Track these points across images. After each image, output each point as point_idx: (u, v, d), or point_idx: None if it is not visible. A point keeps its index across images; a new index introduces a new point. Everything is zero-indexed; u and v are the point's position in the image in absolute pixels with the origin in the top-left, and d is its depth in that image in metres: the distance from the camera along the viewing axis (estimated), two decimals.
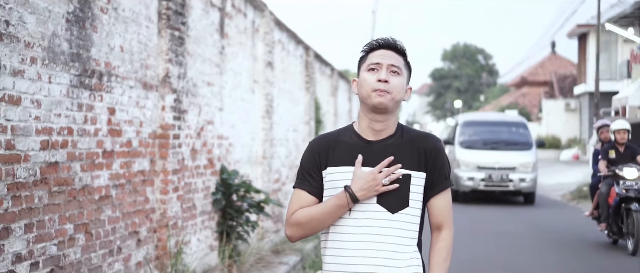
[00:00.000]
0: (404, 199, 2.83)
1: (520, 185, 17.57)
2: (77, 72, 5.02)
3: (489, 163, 17.63)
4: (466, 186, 17.76)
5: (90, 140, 5.24)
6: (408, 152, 2.86)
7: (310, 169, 2.91)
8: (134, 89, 5.99)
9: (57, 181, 4.78)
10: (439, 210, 2.91)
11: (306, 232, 2.89)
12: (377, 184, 2.78)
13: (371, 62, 2.86)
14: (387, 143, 2.87)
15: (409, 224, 2.84)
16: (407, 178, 2.83)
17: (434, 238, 2.91)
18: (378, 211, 2.81)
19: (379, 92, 2.80)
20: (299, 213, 2.88)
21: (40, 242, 4.58)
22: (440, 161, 2.90)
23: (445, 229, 2.91)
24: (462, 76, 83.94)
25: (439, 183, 2.90)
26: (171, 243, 6.66)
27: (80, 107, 5.08)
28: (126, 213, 5.88)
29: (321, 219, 2.84)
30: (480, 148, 18.11)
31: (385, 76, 2.81)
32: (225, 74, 8.57)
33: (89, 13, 5.19)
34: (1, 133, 4.15)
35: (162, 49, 6.56)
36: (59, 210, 4.82)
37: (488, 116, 21.03)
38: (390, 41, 2.91)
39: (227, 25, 8.61)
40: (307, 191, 2.90)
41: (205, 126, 7.79)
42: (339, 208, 2.81)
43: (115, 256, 5.69)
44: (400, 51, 2.91)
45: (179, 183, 6.84)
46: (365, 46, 2.94)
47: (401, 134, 2.91)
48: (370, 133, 2.89)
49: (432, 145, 2.89)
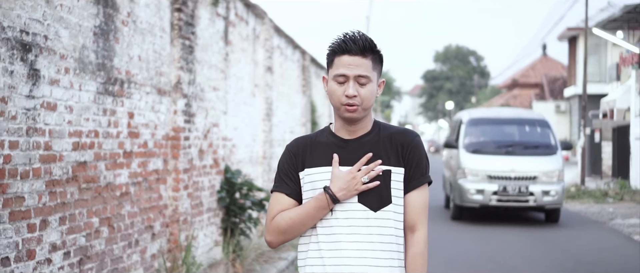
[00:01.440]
0: (386, 196, 2.78)
1: (543, 199, 13.67)
2: (102, 80, 5.54)
3: (503, 172, 13.86)
4: (474, 202, 13.86)
5: (113, 142, 5.75)
6: (386, 148, 2.80)
7: (288, 171, 2.85)
8: (149, 95, 6.50)
9: (85, 179, 5.29)
10: (413, 208, 2.82)
11: (287, 237, 2.83)
12: (356, 183, 2.74)
13: (338, 72, 2.76)
14: (364, 141, 2.82)
15: (392, 221, 2.78)
16: (387, 174, 2.78)
17: (408, 241, 2.83)
18: (360, 210, 2.76)
19: (348, 107, 2.75)
20: (279, 218, 2.82)
21: (71, 234, 5.09)
22: (417, 156, 2.83)
23: (418, 230, 2.82)
24: (454, 77, 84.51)
25: (414, 179, 2.83)
26: (182, 237, 7.17)
27: (105, 112, 5.59)
28: (142, 209, 6.39)
29: (302, 222, 2.78)
30: (491, 153, 14.31)
31: (353, 91, 2.73)
32: (229, 79, 9.09)
33: (112, 26, 5.70)
34: (41, 136, 4.66)
35: (174, 57, 7.08)
36: (87, 205, 5.33)
37: (500, 112, 16.52)
38: (355, 45, 2.76)
39: (230, 33, 9.13)
40: (286, 194, 2.84)
41: (211, 128, 8.30)
42: (319, 210, 2.76)
43: (133, 248, 6.19)
44: (369, 50, 2.78)
45: (188, 181, 7.35)
46: (332, 44, 2.81)
47: (378, 131, 2.86)
48: (345, 132, 2.84)
49: (409, 139, 2.83)
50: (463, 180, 14.03)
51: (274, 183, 2.89)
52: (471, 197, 13.84)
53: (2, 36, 4.21)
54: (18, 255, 4.42)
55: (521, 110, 17.47)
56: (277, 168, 2.90)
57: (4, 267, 4.28)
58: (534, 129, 15.15)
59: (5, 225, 4.27)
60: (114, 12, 5.73)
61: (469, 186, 13.88)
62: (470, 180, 13.96)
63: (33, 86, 4.55)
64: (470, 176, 13.97)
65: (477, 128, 15.17)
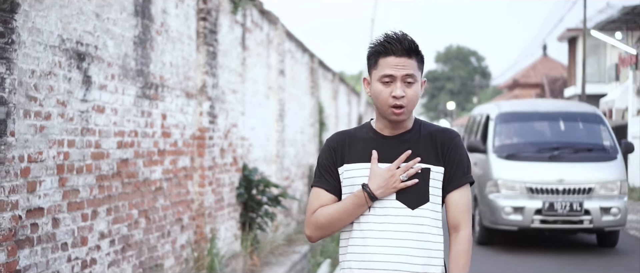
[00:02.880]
0: (424, 194, 2.76)
1: (601, 219, 10.41)
2: (141, 85, 6.10)
3: (549, 184, 10.55)
4: (510, 224, 10.59)
5: (149, 141, 6.32)
6: (426, 146, 2.79)
7: (327, 166, 2.85)
8: (179, 98, 7.06)
9: (127, 174, 5.85)
10: (456, 208, 2.80)
11: (326, 232, 2.85)
12: (395, 181, 2.73)
13: (384, 73, 2.74)
14: (404, 138, 2.81)
15: (430, 220, 2.76)
16: (426, 172, 2.76)
17: (452, 240, 2.81)
18: (398, 208, 2.75)
19: (395, 110, 2.74)
20: (319, 213, 2.83)
21: (116, 223, 5.65)
22: (458, 155, 2.82)
23: (463, 230, 2.79)
24: (455, 77, 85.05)
25: (456, 178, 2.80)
26: (206, 229, 7.73)
27: (142, 113, 6.15)
28: (173, 203, 6.95)
29: (340, 218, 2.79)
30: (531, 159, 10.97)
31: (401, 91, 2.73)
32: (246, 82, 9.65)
33: (148, 35, 6.26)
34: (92, 135, 5.22)
35: (199, 62, 7.64)
36: (128, 198, 5.89)
37: (538, 105, 13.17)
38: (402, 47, 2.74)
39: (247, 39, 9.69)
40: (326, 189, 2.84)
41: (231, 128, 8.86)
42: (357, 207, 2.76)
43: (166, 238, 6.75)
44: (414, 51, 2.77)
45: (212, 178, 7.91)
46: (375, 45, 2.80)
47: (419, 129, 2.84)
48: (387, 129, 2.83)
49: (449, 138, 2.82)
50: (495, 195, 10.71)
51: (314, 178, 2.89)
52: (507, 218, 10.53)
53: (62, 47, 4.77)
54: (74, 241, 4.98)
55: (564, 102, 13.91)
56: (317, 163, 2.91)
57: (64, 251, 4.84)
58: (584, 126, 11.71)
59: (64, 214, 4.83)
60: (150, 22, 6.29)
61: (504, 203, 10.55)
62: (505, 195, 10.66)
63: (86, 91, 5.12)
64: (505, 189, 10.69)
65: (509, 125, 11.67)
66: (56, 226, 4.72)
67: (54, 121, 4.68)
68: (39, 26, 4.46)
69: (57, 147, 4.72)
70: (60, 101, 4.76)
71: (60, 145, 4.77)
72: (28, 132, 4.36)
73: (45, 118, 4.57)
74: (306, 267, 10.35)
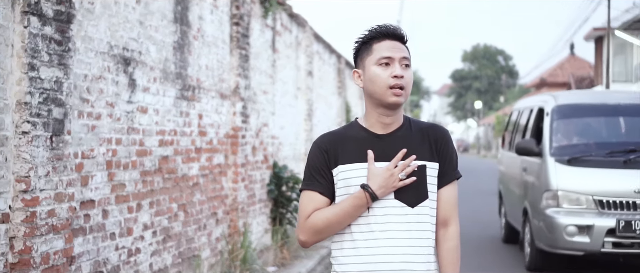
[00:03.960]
0: (423, 191, 2.73)
1: None
2: (180, 87, 6.53)
3: (624, 196, 8.32)
4: (573, 247, 8.36)
5: (187, 139, 6.74)
6: (419, 143, 2.76)
7: (319, 168, 2.76)
8: (214, 99, 7.49)
9: (167, 170, 6.28)
10: (446, 203, 2.80)
11: (322, 236, 2.75)
12: (394, 180, 2.67)
13: (382, 55, 2.70)
14: (398, 136, 2.76)
15: (428, 217, 2.75)
16: (422, 169, 2.73)
17: (442, 236, 2.80)
18: (397, 207, 2.70)
19: (395, 90, 2.68)
20: (315, 217, 2.73)
21: (157, 216, 6.08)
22: (450, 151, 2.82)
23: (452, 225, 2.81)
24: (482, 76, 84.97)
25: (448, 174, 2.80)
26: (240, 223, 8.15)
27: (181, 114, 6.58)
28: (209, 198, 7.37)
29: (339, 221, 2.71)
30: (601, 165, 8.66)
31: (400, 71, 2.68)
32: (276, 83, 10.07)
33: (186, 40, 6.69)
34: (136, 134, 5.66)
35: (233, 65, 8.06)
36: (168, 193, 6.32)
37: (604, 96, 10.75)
38: (398, 31, 2.75)
39: (277, 42, 10.11)
40: (319, 192, 2.75)
41: (262, 128, 9.28)
42: (357, 208, 2.69)
43: (202, 231, 7.18)
44: (405, 40, 2.77)
45: (245, 174, 8.33)
46: (368, 32, 2.78)
47: (409, 126, 2.81)
48: (379, 126, 2.77)
49: (441, 135, 2.81)
50: (554, 210, 8.51)
51: (304, 181, 2.80)
52: (569, 239, 8.27)
53: (110, 53, 5.20)
54: (121, 231, 5.41)
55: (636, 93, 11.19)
56: (307, 165, 2.81)
57: (112, 241, 5.28)
58: None
59: (112, 206, 5.27)
60: (188, 28, 6.72)
61: (566, 220, 8.32)
62: (568, 211, 8.45)
63: (131, 93, 5.55)
64: (567, 203, 8.47)
65: (570, 121, 9.45)
66: (105, 217, 5.16)
67: (104, 121, 5.11)
68: (90, 34, 4.90)
69: (106, 145, 5.16)
70: (109, 103, 5.19)
71: (109, 143, 5.21)
72: (81, 131, 4.79)
73: (96, 118, 5.00)
74: None
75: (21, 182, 4.10)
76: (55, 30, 4.37)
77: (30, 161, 4.12)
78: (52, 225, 4.35)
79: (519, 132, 10.81)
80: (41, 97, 4.22)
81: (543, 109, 9.63)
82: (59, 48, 4.42)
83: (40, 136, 4.21)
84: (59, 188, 4.43)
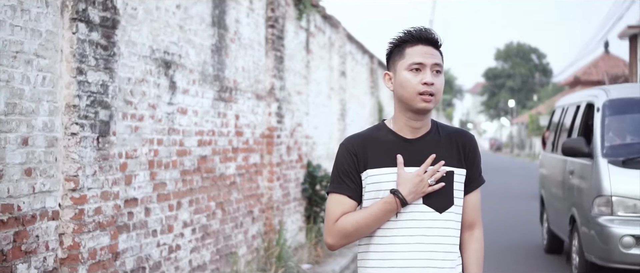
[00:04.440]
0: (450, 197, 2.73)
1: None
2: (217, 89, 6.72)
3: None
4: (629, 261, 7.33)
5: (224, 139, 6.93)
6: (448, 148, 2.76)
7: (348, 172, 2.74)
8: (250, 100, 7.67)
9: (206, 170, 6.47)
10: (472, 208, 2.82)
11: (351, 240, 2.73)
12: (424, 185, 2.66)
13: (413, 61, 2.68)
14: (427, 140, 2.75)
15: (455, 223, 2.75)
16: (450, 175, 2.73)
17: (467, 238, 2.82)
18: (425, 212, 2.70)
19: (425, 97, 2.65)
20: (344, 221, 2.71)
21: (197, 214, 6.27)
22: (477, 157, 2.84)
23: (477, 228, 2.84)
24: (515, 75, 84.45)
25: (474, 180, 2.81)
26: (275, 221, 8.33)
27: (219, 114, 6.77)
28: (245, 196, 7.56)
29: (368, 225, 2.69)
30: None
31: (431, 79, 2.65)
32: (310, 84, 10.23)
33: (224, 43, 6.88)
34: (177, 135, 5.85)
35: (268, 66, 8.24)
36: (207, 191, 6.51)
37: None
38: (431, 36, 2.71)
39: (311, 43, 10.27)
40: (348, 196, 2.73)
41: (296, 128, 9.45)
42: (387, 213, 2.67)
43: (239, 228, 7.37)
44: (439, 44, 2.74)
45: (280, 173, 8.51)
46: (400, 36, 2.75)
47: (437, 130, 2.80)
48: (408, 131, 2.74)
49: (469, 140, 2.82)
50: (607, 218, 7.51)
51: (332, 184, 2.77)
52: (625, 252, 7.29)
53: (152, 57, 5.40)
54: (162, 229, 5.61)
55: None
56: (335, 168, 2.79)
57: (154, 237, 5.47)
58: None
59: (154, 204, 5.47)
60: (225, 32, 6.91)
61: (621, 230, 7.36)
62: (624, 219, 7.46)
63: (172, 95, 5.75)
64: (623, 211, 7.50)
65: (625, 118, 8.45)
66: (148, 215, 5.36)
67: (146, 122, 5.31)
68: (134, 39, 5.10)
69: (149, 145, 5.36)
70: (151, 105, 5.39)
71: (151, 143, 5.40)
72: (125, 132, 4.99)
73: (139, 119, 5.20)
74: None
75: (70, 181, 4.30)
76: (101, 35, 4.57)
77: (79, 161, 4.33)
78: (99, 222, 4.56)
79: (564, 131, 9.70)
80: (88, 100, 4.42)
81: (592, 105, 8.61)
82: (104, 53, 4.62)
83: (88, 137, 4.42)
84: (105, 186, 4.63)
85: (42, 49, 4.04)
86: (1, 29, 3.70)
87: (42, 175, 4.06)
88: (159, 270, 5.53)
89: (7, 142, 3.76)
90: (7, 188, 3.75)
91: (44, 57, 4.06)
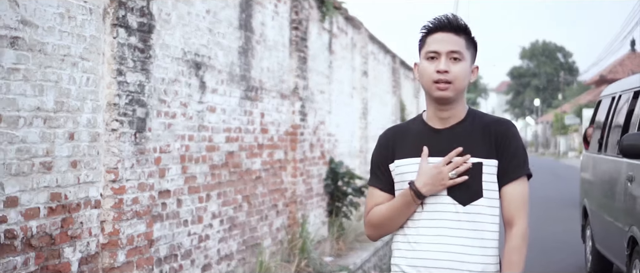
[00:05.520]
0: (477, 190, 2.63)
1: None
2: (244, 88, 7.11)
3: None
4: None
5: (250, 136, 7.32)
6: (479, 139, 2.67)
7: (379, 164, 2.79)
8: (275, 99, 8.06)
9: (233, 165, 6.87)
10: (509, 202, 2.65)
11: (383, 231, 2.78)
12: (443, 177, 2.61)
13: (429, 49, 2.65)
14: (456, 131, 2.69)
15: (483, 216, 2.63)
16: (477, 167, 2.63)
17: (507, 236, 2.67)
18: (449, 204, 2.65)
19: (440, 85, 2.62)
20: (372, 213, 2.77)
21: (224, 206, 6.67)
22: (513, 146, 2.68)
23: (516, 225, 2.64)
24: (541, 74, 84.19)
25: (511, 171, 2.65)
26: (298, 215, 8.71)
27: (245, 113, 7.16)
28: (270, 191, 7.94)
29: (391, 217, 2.72)
30: None
31: (445, 66, 2.61)
32: (332, 83, 10.60)
33: (250, 45, 7.27)
34: (206, 131, 6.25)
35: (292, 67, 8.63)
36: (234, 185, 6.91)
37: None
38: (449, 22, 2.66)
39: (333, 44, 10.64)
40: (379, 188, 2.78)
41: (319, 125, 9.83)
42: (406, 205, 2.67)
43: (264, 221, 7.75)
44: (462, 29, 2.67)
45: (303, 169, 8.89)
46: (423, 27, 2.72)
47: (472, 120, 2.72)
48: (437, 121, 2.72)
49: (504, 129, 2.69)
50: None
51: (369, 177, 2.85)
52: None
53: (184, 58, 5.80)
54: (192, 219, 6.01)
55: None
56: (371, 161, 2.87)
57: (185, 227, 5.87)
58: None
59: (185, 196, 5.87)
60: (251, 34, 7.30)
61: None
62: None
63: (202, 94, 6.14)
64: None
65: None
66: (179, 206, 5.76)
67: (178, 119, 5.71)
68: (167, 42, 5.50)
69: (180, 141, 5.76)
70: (183, 103, 5.79)
71: (183, 139, 5.81)
72: (160, 128, 5.40)
73: (172, 117, 5.60)
74: (388, 254, 11.23)
75: (111, 173, 4.71)
76: (139, 39, 4.98)
77: (118, 154, 4.74)
78: (136, 211, 4.97)
79: (616, 126, 7.61)
80: (127, 99, 4.83)
81: None
82: (141, 55, 5.02)
83: (127, 133, 4.82)
84: (141, 178, 5.03)
85: (86, 52, 4.45)
86: (51, 34, 4.11)
87: (86, 167, 4.47)
88: (189, 257, 5.93)
89: (56, 137, 4.17)
90: (56, 179, 4.16)
91: (88, 60, 4.47)
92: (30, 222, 3.94)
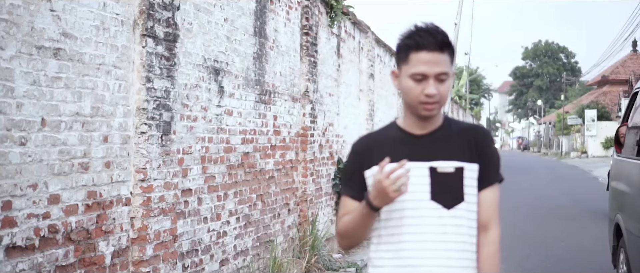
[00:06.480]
0: (459, 194, 2.62)
1: None
2: (258, 92, 7.46)
3: None
4: None
5: (264, 138, 7.67)
6: (459, 144, 2.66)
7: (352, 172, 2.73)
8: (287, 102, 8.41)
9: (248, 165, 7.22)
10: (487, 206, 2.68)
11: (351, 241, 2.71)
12: (387, 192, 2.47)
13: (416, 71, 2.54)
14: (436, 136, 2.67)
15: (466, 220, 2.64)
16: (460, 171, 2.63)
17: (481, 241, 2.68)
18: (433, 208, 2.61)
19: (427, 106, 2.57)
20: (340, 223, 2.71)
21: (240, 204, 7.02)
22: (491, 153, 2.71)
23: (492, 229, 2.68)
24: (543, 74, 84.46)
25: (488, 177, 2.68)
26: (309, 213, 9.06)
27: (259, 115, 7.51)
28: (282, 190, 8.29)
29: (355, 228, 2.64)
30: None
31: (434, 90, 2.54)
32: (341, 86, 10.95)
33: (264, 51, 7.62)
34: (224, 133, 6.60)
35: (303, 71, 8.98)
36: (249, 184, 7.26)
37: None
38: (434, 42, 2.55)
39: (341, 48, 10.99)
40: (350, 196, 2.71)
41: (328, 127, 10.18)
42: (365, 216, 2.58)
43: (276, 219, 8.10)
44: (446, 45, 2.57)
45: (313, 169, 9.24)
46: (405, 39, 2.60)
47: (449, 126, 2.71)
48: (416, 127, 2.67)
49: (482, 135, 2.71)
50: None
51: (342, 187, 2.81)
52: None
53: (204, 65, 6.15)
54: (212, 216, 6.36)
55: None
56: (343, 170, 2.83)
57: (205, 224, 6.22)
58: None
59: (205, 195, 6.22)
60: (265, 40, 7.65)
61: None
62: None
63: (220, 99, 6.50)
64: None
65: None
66: (200, 204, 6.11)
67: (199, 122, 6.06)
68: (189, 50, 5.85)
69: (201, 143, 6.11)
70: (203, 107, 6.14)
71: (203, 141, 6.16)
72: (183, 131, 5.75)
73: (193, 120, 5.95)
74: None
75: (140, 173, 5.06)
76: (165, 48, 5.33)
77: (147, 156, 5.09)
78: (162, 208, 5.32)
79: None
80: (155, 104, 5.18)
81: None
82: (167, 63, 5.37)
83: (154, 135, 5.17)
84: (167, 178, 5.39)
85: (118, 61, 4.80)
86: (88, 45, 4.46)
87: (118, 167, 4.82)
88: (209, 252, 6.28)
89: (92, 139, 4.52)
90: (92, 178, 4.52)
91: (120, 68, 4.82)
92: (70, 218, 4.29)
